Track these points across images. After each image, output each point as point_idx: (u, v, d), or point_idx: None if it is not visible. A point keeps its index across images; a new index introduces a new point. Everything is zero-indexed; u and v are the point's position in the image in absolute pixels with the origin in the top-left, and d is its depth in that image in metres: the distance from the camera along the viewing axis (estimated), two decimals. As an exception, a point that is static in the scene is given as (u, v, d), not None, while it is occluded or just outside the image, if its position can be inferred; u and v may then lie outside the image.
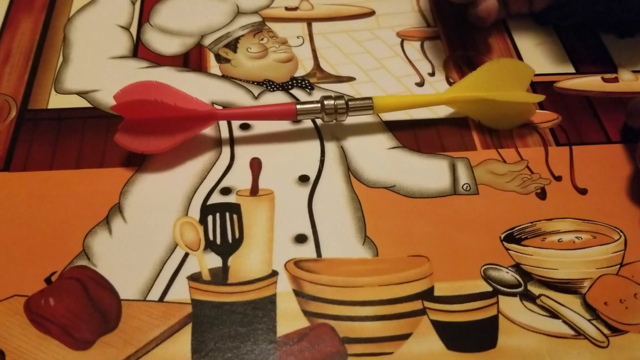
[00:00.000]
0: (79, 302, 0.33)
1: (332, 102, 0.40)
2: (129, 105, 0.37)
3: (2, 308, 0.33)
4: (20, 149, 0.40)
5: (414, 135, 0.42)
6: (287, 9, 0.50)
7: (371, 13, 0.50)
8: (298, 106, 0.39)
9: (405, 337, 0.33)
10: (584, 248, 0.36)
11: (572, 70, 0.46)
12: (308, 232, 0.37)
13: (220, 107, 0.43)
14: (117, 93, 0.38)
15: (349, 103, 0.40)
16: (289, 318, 0.33)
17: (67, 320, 0.32)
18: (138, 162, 0.39)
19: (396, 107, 0.41)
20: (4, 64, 0.45)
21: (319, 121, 0.42)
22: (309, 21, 0.50)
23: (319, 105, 0.40)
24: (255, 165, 0.40)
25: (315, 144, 0.41)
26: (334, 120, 0.40)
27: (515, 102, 0.41)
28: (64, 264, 0.35)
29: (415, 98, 0.42)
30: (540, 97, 0.42)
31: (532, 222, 0.37)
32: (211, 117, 0.39)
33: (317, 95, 0.44)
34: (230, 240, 0.36)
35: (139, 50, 0.47)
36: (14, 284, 0.34)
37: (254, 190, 0.38)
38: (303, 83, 0.45)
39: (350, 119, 0.41)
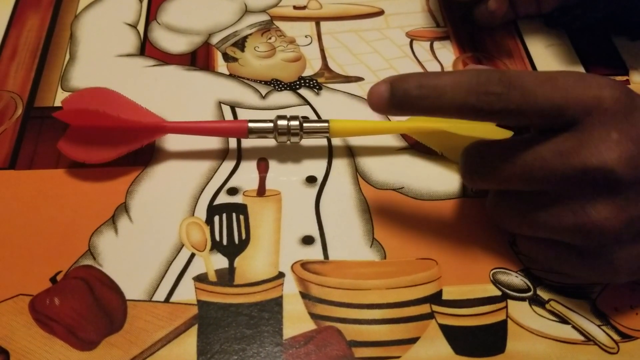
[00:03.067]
0: (84, 302, 0.33)
1: (285, 122, 0.38)
2: (73, 113, 0.36)
3: (7, 307, 0.33)
4: (26, 147, 0.40)
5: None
6: (295, 7, 0.50)
7: (380, 13, 0.50)
8: (250, 124, 0.38)
9: (412, 341, 0.32)
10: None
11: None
12: (315, 233, 0.36)
13: (228, 107, 0.42)
14: (65, 98, 0.38)
15: (304, 125, 0.38)
16: (296, 320, 0.33)
17: (72, 320, 0.32)
18: (145, 162, 0.39)
19: (353, 132, 0.40)
20: (10, 61, 0.45)
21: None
22: (317, 20, 0.49)
23: (272, 124, 0.38)
24: (262, 166, 0.39)
25: (323, 145, 0.41)
26: (288, 141, 0.39)
27: (478, 137, 0.34)
28: (69, 263, 0.34)
29: (373, 124, 0.40)
30: (509, 133, 0.34)
31: (541, 226, 0.37)
32: (159, 130, 0.38)
33: (325, 96, 0.43)
34: (236, 241, 0.36)
35: (146, 48, 0.46)
36: (19, 283, 0.34)
37: (261, 191, 0.38)
38: (311, 83, 0.44)
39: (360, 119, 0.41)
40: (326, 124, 0.38)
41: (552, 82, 0.30)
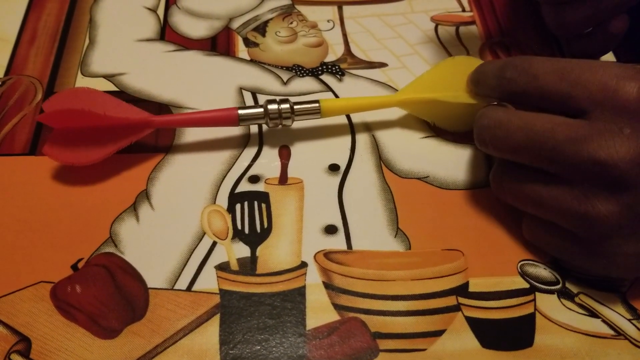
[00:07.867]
0: (106, 290, 0.32)
1: (275, 106, 0.37)
2: (57, 115, 0.35)
3: (28, 294, 0.33)
4: (46, 132, 0.39)
5: (448, 124, 0.40)
6: (317, -9, 0.49)
7: (404, -3, 0.49)
8: (240, 111, 0.37)
9: (438, 333, 0.32)
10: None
11: (613, 60, 0.45)
12: (338, 222, 0.36)
13: (249, 93, 0.42)
14: (46, 101, 0.36)
15: (294, 107, 0.37)
16: (319, 311, 0.32)
17: (93, 308, 0.32)
18: (165, 149, 0.39)
19: (345, 110, 0.39)
20: (29, 45, 0.44)
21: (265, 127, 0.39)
22: (340, 4, 0.48)
23: (262, 110, 0.37)
24: (284, 153, 0.39)
25: (346, 132, 0.40)
26: (280, 125, 0.38)
27: (467, 103, 0.37)
28: (90, 250, 0.34)
29: (365, 100, 0.39)
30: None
31: (570, 217, 0.36)
32: (146, 125, 0.37)
33: (348, 82, 0.43)
34: (258, 230, 0.35)
35: (166, 33, 0.46)
36: (40, 270, 0.33)
37: (283, 179, 0.37)
38: (333, 69, 0.43)
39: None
40: (317, 104, 0.38)
41: (563, 70, 0.30)
